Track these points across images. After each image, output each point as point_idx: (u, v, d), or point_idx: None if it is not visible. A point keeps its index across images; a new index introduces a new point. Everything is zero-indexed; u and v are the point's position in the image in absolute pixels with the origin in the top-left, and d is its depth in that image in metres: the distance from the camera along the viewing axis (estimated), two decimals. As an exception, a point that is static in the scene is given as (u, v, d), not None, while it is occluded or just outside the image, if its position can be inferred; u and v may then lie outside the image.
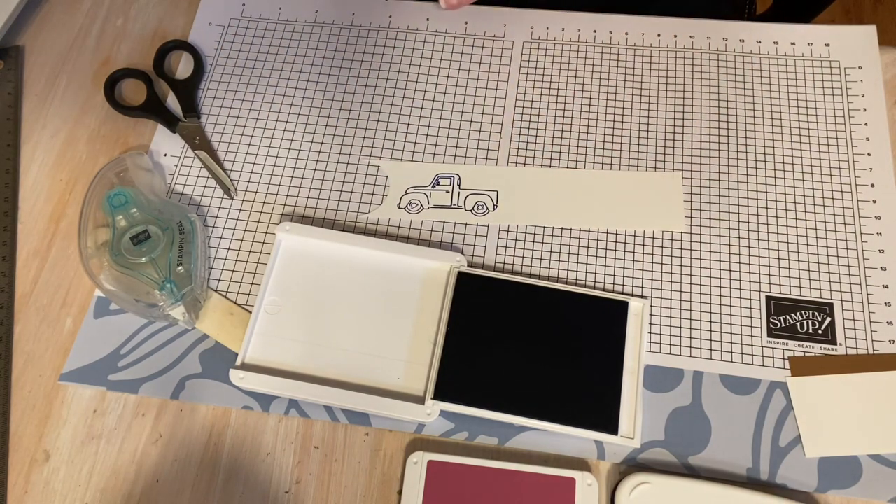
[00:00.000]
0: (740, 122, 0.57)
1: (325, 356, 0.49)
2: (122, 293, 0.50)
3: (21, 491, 0.46)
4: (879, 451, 0.46)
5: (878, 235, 0.53)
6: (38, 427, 0.48)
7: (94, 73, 0.62)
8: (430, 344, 0.49)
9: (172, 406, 0.48)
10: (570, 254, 0.53)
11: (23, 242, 0.54)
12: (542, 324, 0.49)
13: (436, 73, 0.60)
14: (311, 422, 0.48)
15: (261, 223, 0.54)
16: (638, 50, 0.61)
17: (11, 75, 0.61)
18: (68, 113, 0.60)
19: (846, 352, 0.49)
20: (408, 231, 0.54)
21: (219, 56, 0.62)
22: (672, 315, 0.50)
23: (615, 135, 0.57)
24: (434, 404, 0.47)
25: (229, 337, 0.50)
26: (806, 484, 0.45)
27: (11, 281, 0.53)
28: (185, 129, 0.58)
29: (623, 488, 0.44)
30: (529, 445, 0.47)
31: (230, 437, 0.48)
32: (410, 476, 0.45)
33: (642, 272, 0.52)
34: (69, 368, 0.49)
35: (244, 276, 0.52)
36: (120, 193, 0.52)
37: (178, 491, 0.46)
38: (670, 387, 0.48)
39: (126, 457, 0.47)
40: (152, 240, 0.51)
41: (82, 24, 0.64)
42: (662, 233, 0.53)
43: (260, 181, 0.56)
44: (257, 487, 0.46)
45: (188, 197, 0.56)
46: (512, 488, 0.44)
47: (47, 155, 0.58)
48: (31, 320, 0.51)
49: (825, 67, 0.60)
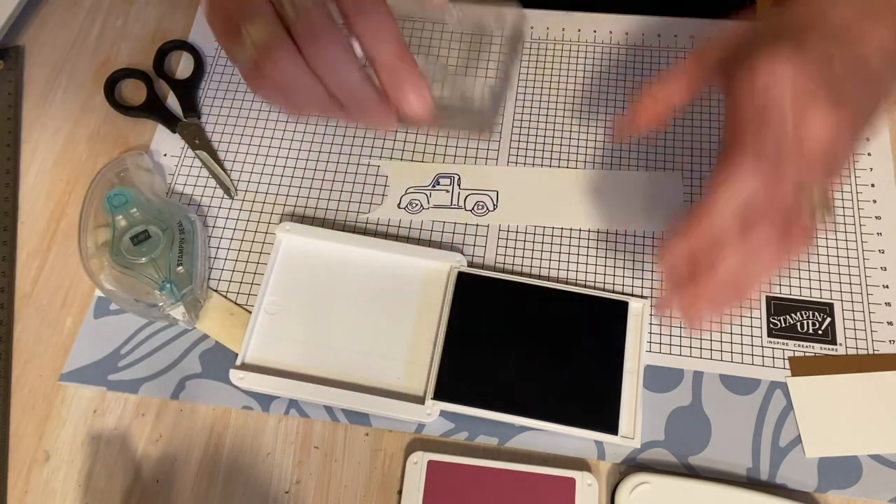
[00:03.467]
0: (740, 122, 0.57)
1: (325, 356, 0.49)
2: (122, 293, 0.50)
3: (21, 491, 0.46)
4: (879, 451, 0.46)
5: (878, 235, 0.53)
6: (38, 427, 0.48)
7: (94, 73, 0.62)
8: (430, 344, 0.49)
9: (172, 406, 0.48)
10: (570, 254, 0.53)
11: (23, 242, 0.54)
12: (542, 324, 0.49)
13: (436, 73, 0.60)
14: (311, 422, 0.48)
15: (261, 223, 0.54)
16: (638, 50, 0.61)
17: (11, 75, 0.61)
18: (68, 113, 0.60)
19: (846, 352, 0.49)
20: (408, 231, 0.54)
21: (219, 56, 0.62)
22: (672, 315, 0.50)
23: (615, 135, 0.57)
24: (434, 404, 0.47)
25: (229, 337, 0.50)
26: (806, 484, 0.45)
27: (11, 281, 0.53)
28: (185, 129, 0.58)
29: (623, 488, 0.44)
30: (529, 445, 0.47)
31: (230, 437, 0.48)
32: (410, 476, 0.45)
33: (642, 272, 0.52)
34: (69, 368, 0.49)
35: (244, 276, 0.52)
36: (120, 193, 0.52)
37: (178, 491, 0.46)
38: (670, 387, 0.48)
39: (126, 457, 0.47)
40: (152, 240, 0.51)
41: (82, 24, 0.64)
42: (663, 233, 0.53)
43: (260, 181, 0.56)
44: (257, 487, 0.46)
45: (188, 197, 0.56)
46: (512, 488, 0.44)
47: (47, 155, 0.58)
48: (31, 320, 0.51)
49: (825, 67, 0.59)
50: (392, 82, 0.36)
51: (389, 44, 0.35)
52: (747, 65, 0.37)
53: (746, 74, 0.37)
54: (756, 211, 0.37)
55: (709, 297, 0.38)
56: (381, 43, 0.35)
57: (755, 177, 0.36)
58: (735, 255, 0.38)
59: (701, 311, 0.39)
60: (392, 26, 0.35)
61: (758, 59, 0.37)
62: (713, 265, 0.38)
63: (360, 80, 0.36)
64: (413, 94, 0.36)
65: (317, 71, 0.35)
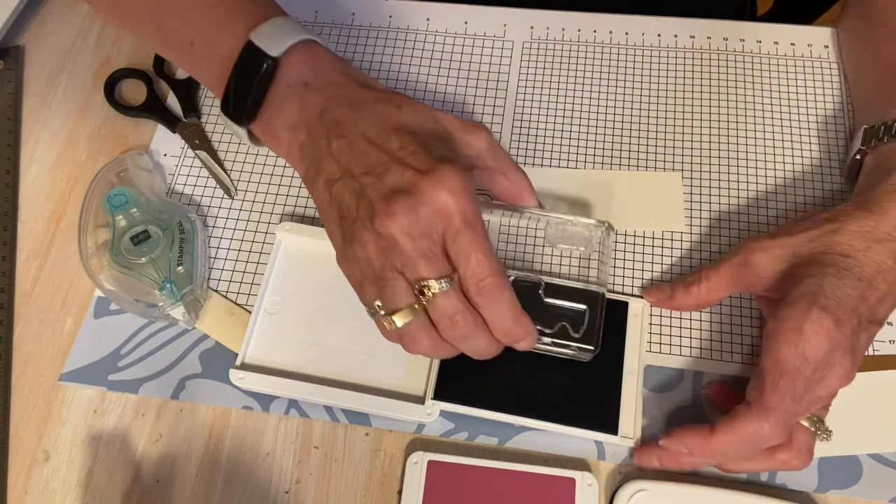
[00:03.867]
0: (740, 122, 0.57)
1: (325, 356, 0.49)
2: (122, 293, 0.50)
3: (21, 491, 0.46)
4: (879, 450, 0.46)
5: (878, 235, 0.53)
6: (38, 427, 0.48)
7: (94, 73, 0.62)
8: (430, 344, 0.49)
9: (172, 406, 0.48)
10: (570, 254, 0.53)
11: (23, 242, 0.54)
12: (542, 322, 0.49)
13: (436, 73, 0.60)
14: (311, 422, 0.48)
15: (261, 223, 0.54)
16: (638, 50, 0.61)
17: (11, 75, 0.61)
18: (68, 113, 0.60)
19: (846, 352, 0.49)
20: (408, 231, 0.54)
21: (219, 56, 0.62)
22: (672, 315, 0.50)
23: (615, 135, 0.57)
24: (434, 404, 0.47)
25: (229, 337, 0.50)
26: (806, 484, 0.45)
27: (11, 281, 0.53)
28: (186, 129, 0.58)
29: (621, 496, 0.44)
30: (529, 445, 0.47)
31: (230, 437, 0.48)
32: (410, 476, 0.45)
33: (642, 272, 0.52)
34: (69, 368, 0.49)
35: (244, 276, 0.52)
36: (120, 193, 0.52)
37: (178, 491, 0.46)
38: (670, 387, 0.48)
39: (126, 457, 0.47)
40: (152, 240, 0.51)
41: (82, 24, 0.64)
42: (662, 233, 0.53)
43: (260, 181, 0.56)
44: (257, 487, 0.46)
45: (188, 197, 0.55)
46: (512, 488, 0.44)
47: (47, 155, 0.58)
48: (31, 320, 0.51)
49: (825, 68, 0.60)
50: (510, 339, 0.43)
51: (506, 313, 0.41)
52: (794, 316, 0.41)
53: (791, 326, 0.41)
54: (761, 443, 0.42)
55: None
56: (500, 314, 0.41)
57: (775, 429, 0.41)
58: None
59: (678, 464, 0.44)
60: (507, 296, 0.41)
61: (805, 319, 0.41)
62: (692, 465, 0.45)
63: (489, 342, 0.42)
64: (524, 344, 0.43)
65: (452, 342, 0.42)
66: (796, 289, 0.42)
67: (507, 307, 0.41)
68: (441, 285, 0.40)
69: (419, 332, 0.41)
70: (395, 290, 0.40)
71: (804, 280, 0.42)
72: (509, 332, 0.42)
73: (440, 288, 0.40)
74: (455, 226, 0.39)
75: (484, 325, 0.42)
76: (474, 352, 0.43)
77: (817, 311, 0.41)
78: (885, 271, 0.43)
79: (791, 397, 0.40)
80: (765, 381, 0.41)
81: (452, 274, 0.40)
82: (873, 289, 0.42)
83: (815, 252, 0.44)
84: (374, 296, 0.41)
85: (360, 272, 0.41)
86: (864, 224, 0.44)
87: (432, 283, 0.39)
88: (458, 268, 0.40)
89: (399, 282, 0.40)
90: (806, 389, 0.41)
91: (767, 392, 0.41)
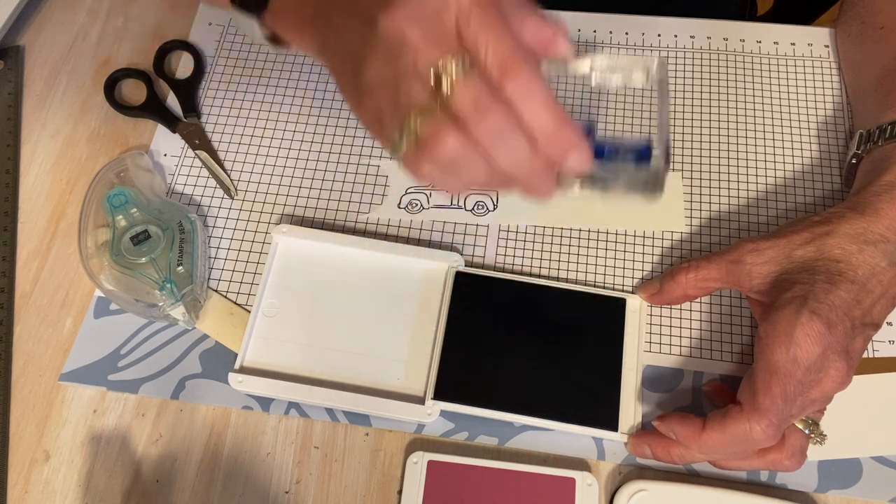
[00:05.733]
0: (740, 122, 0.57)
1: (325, 358, 0.49)
2: (122, 293, 0.50)
3: (21, 491, 0.46)
4: (880, 452, 0.46)
5: (878, 236, 0.53)
6: (38, 427, 0.48)
7: (94, 73, 0.62)
8: (429, 344, 0.49)
9: (172, 406, 0.48)
10: (570, 254, 0.53)
11: (23, 242, 0.54)
12: (541, 322, 0.49)
13: (436, 73, 0.60)
14: (311, 422, 0.48)
15: (261, 223, 0.54)
16: (639, 50, 0.61)
17: (11, 75, 0.61)
18: (68, 113, 0.60)
19: (846, 352, 0.49)
20: (408, 231, 0.54)
21: (219, 56, 0.62)
22: (672, 315, 0.50)
23: (615, 135, 0.57)
24: (434, 404, 0.47)
25: (229, 337, 0.50)
26: (806, 484, 0.45)
27: (11, 281, 0.53)
28: (185, 129, 0.58)
29: (621, 496, 0.44)
30: (529, 445, 0.47)
31: (230, 437, 0.48)
32: (410, 476, 0.45)
33: (642, 272, 0.52)
34: (69, 368, 0.49)
35: (244, 276, 0.52)
36: (120, 193, 0.52)
37: (178, 491, 0.46)
38: (670, 387, 0.48)
39: (126, 457, 0.47)
40: (152, 240, 0.51)
41: (82, 24, 0.64)
42: (662, 232, 0.53)
43: (260, 181, 0.56)
44: (257, 487, 0.46)
45: (188, 197, 0.56)
46: (512, 488, 0.44)
47: (47, 155, 0.58)
48: (31, 320, 0.51)
49: (825, 68, 0.60)
50: (555, 147, 0.34)
51: (545, 107, 0.34)
52: (785, 319, 0.41)
53: (782, 329, 0.41)
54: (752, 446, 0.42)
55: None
56: (537, 107, 0.34)
57: (766, 431, 0.41)
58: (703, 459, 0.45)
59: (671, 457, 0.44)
60: (544, 87, 0.34)
61: (795, 322, 0.41)
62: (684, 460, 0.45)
63: (531, 150, 0.34)
64: (575, 156, 0.35)
65: (485, 145, 0.34)
66: (787, 293, 0.42)
67: (543, 98, 0.34)
68: (459, 67, 0.33)
69: (443, 130, 0.34)
70: (410, 90, 0.34)
71: (795, 286, 0.42)
72: (552, 138, 0.34)
73: (460, 70, 0.33)
74: (464, 6, 0.33)
75: (519, 125, 0.34)
76: (518, 168, 0.35)
77: (807, 314, 0.41)
78: (879, 273, 0.43)
79: (783, 400, 0.40)
80: (757, 384, 0.41)
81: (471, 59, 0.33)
82: (867, 291, 0.42)
83: (807, 258, 0.44)
84: (393, 122, 0.35)
85: (376, 104, 0.36)
86: (857, 226, 0.44)
87: (449, 66, 0.33)
88: (477, 55, 0.33)
89: (414, 82, 0.34)
90: (798, 392, 0.41)
91: (759, 395, 0.41)
